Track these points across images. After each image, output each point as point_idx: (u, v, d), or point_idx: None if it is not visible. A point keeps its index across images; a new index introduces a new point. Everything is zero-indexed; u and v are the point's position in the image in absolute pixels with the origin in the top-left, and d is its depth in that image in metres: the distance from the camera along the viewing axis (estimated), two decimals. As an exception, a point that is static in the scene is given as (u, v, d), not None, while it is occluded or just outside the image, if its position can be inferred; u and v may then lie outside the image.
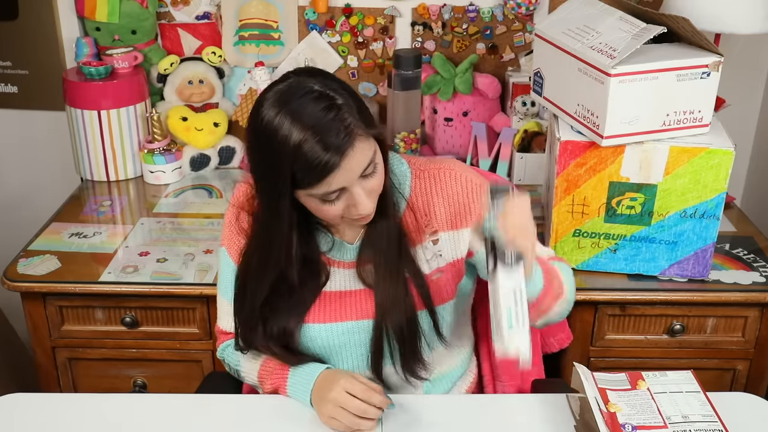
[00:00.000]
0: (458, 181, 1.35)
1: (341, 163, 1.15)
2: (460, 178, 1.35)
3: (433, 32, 2.33)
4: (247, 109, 2.34)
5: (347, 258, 1.36)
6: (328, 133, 1.13)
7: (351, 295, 1.35)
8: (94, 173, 2.27)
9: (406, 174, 1.36)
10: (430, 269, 1.35)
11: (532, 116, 2.27)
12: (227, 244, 1.40)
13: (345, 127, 1.15)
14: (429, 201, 1.35)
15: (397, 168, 1.36)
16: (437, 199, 1.35)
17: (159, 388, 1.93)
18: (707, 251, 1.76)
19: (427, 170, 1.36)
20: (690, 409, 1.24)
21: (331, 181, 1.16)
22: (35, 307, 1.84)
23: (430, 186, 1.35)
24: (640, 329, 1.84)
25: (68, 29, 2.32)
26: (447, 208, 1.35)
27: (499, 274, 1.14)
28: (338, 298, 1.35)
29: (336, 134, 1.14)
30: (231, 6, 2.30)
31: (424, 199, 1.35)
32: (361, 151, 1.17)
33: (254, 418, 1.33)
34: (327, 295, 1.35)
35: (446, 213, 1.35)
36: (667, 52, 1.64)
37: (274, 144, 1.15)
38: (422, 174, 1.36)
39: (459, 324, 1.46)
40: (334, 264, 1.36)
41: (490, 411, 1.33)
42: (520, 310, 1.15)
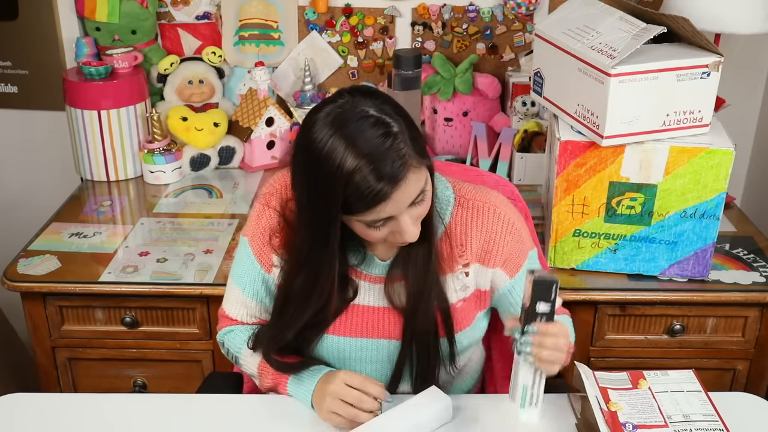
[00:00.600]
0: (500, 220, 1.33)
1: (393, 194, 1.13)
2: (503, 216, 1.34)
3: (433, 32, 2.33)
4: (248, 109, 2.34)
5: (376, 273, 1.34)
6: (383, 163, 1.11)
7: (375, 312, 1.35)
8: (94, 173, 2.27)
9: (449, 200, 1.34)
10: (456, 299, 1.35)
11: (532, 116, 2.27)
12: (250, 236, 1.37)
13: (400, 158, 1.12)
14: (467, 232, 1.33)
15: (442, 193, 1.34)
16: (475, 232, 1.33)
17: (159, 388, 1.93)
18: (707, 251, 1.76)
19: (472, 200, 1.34)
20: (691, 409, 1.24)
21: (381, 210, 1.14)
22: (35, 307, 1.84)
23: (471, 218, 1.33)
24: (640, 329, 1.84)
25: (68, 29, 2.32)
26: (483, 243, 1.34)
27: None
28: (362, 312, 1.35)
29: (391, 164, 1.11)
30: (231, 6, 2.31)
31: (462, 229, 1.33)
32: (413, 182, 1.15)
33: (254, 418, 1.33)
34: (351, 308, 1.35)
35: (481, 248, 1.34)
36: (667, 52, 1.64)
37: (326, 168, 1.12)
38: (466, 203, 1.34)
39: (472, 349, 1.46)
40: (362, 277, 1.34)
41: (490, 411, 1.33)
42: (536, 392, 1.27)
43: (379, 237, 1.21)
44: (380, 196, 1.12)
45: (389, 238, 1.22)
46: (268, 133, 2.32)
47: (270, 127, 2.32)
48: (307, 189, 1.19)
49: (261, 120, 2.29)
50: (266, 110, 2.29)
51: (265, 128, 2.31)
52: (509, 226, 1.34)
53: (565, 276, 1.81)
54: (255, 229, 1.37)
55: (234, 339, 1.43)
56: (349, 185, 1.11)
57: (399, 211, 1.16)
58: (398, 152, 1.12)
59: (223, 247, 1.92)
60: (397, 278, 1.32)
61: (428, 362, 1.33)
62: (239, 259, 1.40)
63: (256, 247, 1.37)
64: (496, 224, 1.33)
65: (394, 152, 1.12)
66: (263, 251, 1.36)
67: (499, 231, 1.33)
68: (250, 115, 2.32)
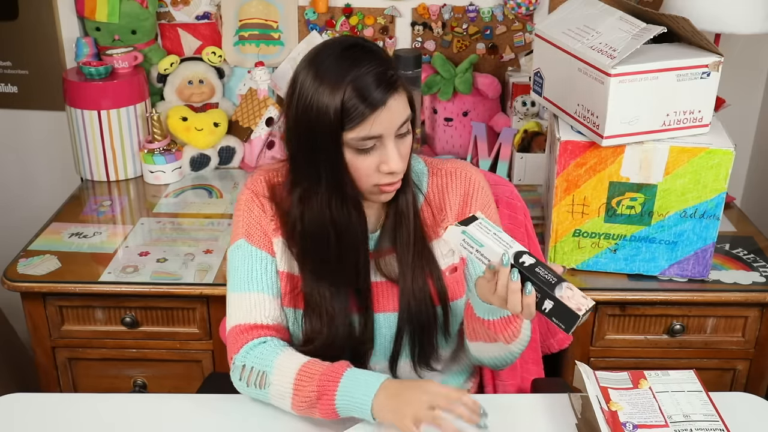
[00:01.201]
0: (471, 182, 1.40)
1: (388, 102, 1.20)
2: (473, 179, 1.40)
3: (433, 32, 2.33)
4: (248, 109, 2.34)
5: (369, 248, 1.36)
6: (381, 75, 1.20)
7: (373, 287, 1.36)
8: (94, 173, 2.27)
9: (423, 171, 1.40)
10: (445, 265, 1.38)
11: (532, 116, 2.27)
12: (245, 233, 1.35)
13: (393, 73, 1.22)
14: (444, 197, 1.39)
15: (415, 165, 1.40)
16: (452, 195, 1.39)
17: (159, 388, 1.93)
18: (707, 251, 1.76)
19: (444, 169, 1.41)
20: (692, 409, 1.24)
21: (375, 119, 1.20)
22: (35, 307, 1.84)
23: (446, 183, 1.39)
24: (640, 329, 1.84)
25: (68, 29, 2.32)
26: (460, 205, 1.39)
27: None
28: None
29: (385, 77, 1.21)
30: (231, 6, 2.31)
31: (439, 195, 1.39)
32: (403, 103, 1.24)
33: (254, 418, 1.33)
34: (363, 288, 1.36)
35: (458, 209, 1.39)
36: (667, 52, 1.64)
37: (328, 80, 1.20)
38: (439, 172, 1.40)
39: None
40: None
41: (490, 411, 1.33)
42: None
43: (369, 168, 1.24)
44: (378, 102, 1.19)
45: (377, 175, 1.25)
46: (268, 133, 2.32)
47: (270, 127, 2.32)
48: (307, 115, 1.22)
49: (261, 120, 2.29)
50: (266, 110, 2.29)
51: (265, 128, 2.31)
52: (479, 187, 1.40)
53: (566, 276, 1.80)
54: (247, 225, 1.36)
55: (260, 354, 1.30)
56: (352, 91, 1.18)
57: (388, 130, 1.22)
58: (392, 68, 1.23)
59: (223, 247, 1.92)
60: (387, 251, 1.34)
61: (426, 332, 1.35)
62: (243, 264, 1.35)
63: (256, 239, 1.35)
64: (469, 186, 1.39)
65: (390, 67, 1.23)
66: (264, 241, 1.35)
67: (470, 191, 1.39)
68: (250, 115, 2.32)
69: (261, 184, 1.37)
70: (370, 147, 1.23)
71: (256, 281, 1.34)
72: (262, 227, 1.35)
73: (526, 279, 1.14)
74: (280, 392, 1.27)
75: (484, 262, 1.17)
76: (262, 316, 1.33)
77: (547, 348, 1.72)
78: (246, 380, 1.30)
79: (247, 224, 1.36)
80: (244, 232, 1.36)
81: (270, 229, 1.35)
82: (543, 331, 1.70)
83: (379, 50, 1.26)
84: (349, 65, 1.20)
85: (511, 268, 1.15)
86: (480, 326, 1.29)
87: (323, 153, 1.23)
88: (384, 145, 1.23)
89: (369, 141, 1.22)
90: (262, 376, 1.28)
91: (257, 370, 1.29)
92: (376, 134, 1.22)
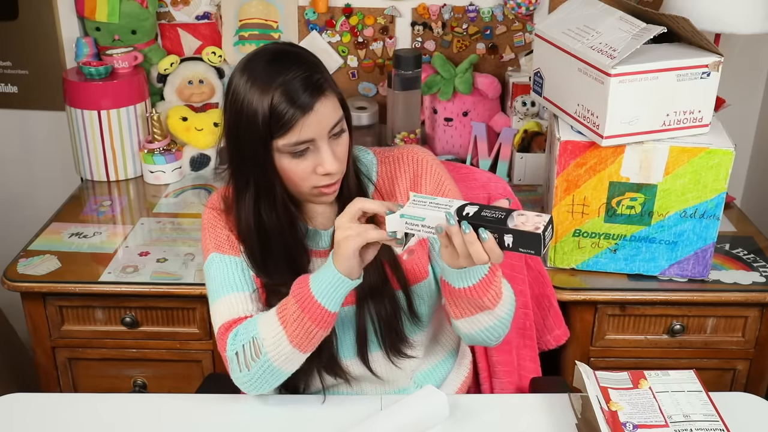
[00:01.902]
0: (419, 163, 1.40)
1: (315, 106, 1.22)
2: (421, 159, 1.41)
3: (433, 32, 2.33)
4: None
5: (323, 246, 1.38)
6: (307, 80, 1.22)
7: None
8: (94, 173, 2.27)
9: (372, 161, 1.42)
10: (401, 250, 1.35)
11: (532, 116, 2.27)
12: (215, 246, 1.37)
13: (320, 77, 1.24)
14: (393, 182, 1.40)
15: (364, 157, 1.42)
16: (401, 180, 1.40)
17: (159, 388, 1.93)
18: (707, 251, 1.76)
19: (391, 155, 1.42)
20: (692, 409, 1.24)
21: (303, 124, 1.21)
22: (35, 307, 1.84)
23: (394, 168, 1.41)
24: (640, 329, 1.84)
25: (68, 29, 2.32)
26: (410, 186, 1.40)
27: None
28: None
29: (312, 81, 1.22)
30: (231, 6, 2.31)
31: (389, 181, 1.40)
32: (332, 105, 1.25)
33: (254, 418, 1.33)
34: None
35: (408, 191, 1.39)
36: (667, 52, 1.64)
37: (258, 85, 1.22)
38: (387, 159, 1.42)
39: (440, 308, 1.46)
40: (312, 254, 1.37)
41: (490, 411, 1.34)
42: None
43: (304, 171, 1.26)
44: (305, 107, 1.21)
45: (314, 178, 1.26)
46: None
47: (270, 127, 2.31)
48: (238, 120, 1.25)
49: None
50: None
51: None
52: (428, 166, 1.40)
53: (565, 276, 1.81)
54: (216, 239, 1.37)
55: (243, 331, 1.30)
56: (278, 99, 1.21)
57: (320, 133, 1.24)
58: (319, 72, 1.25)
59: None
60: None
61: (389, 317, 1.35)
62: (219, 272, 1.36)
63: (227, 249, 1.36)
64: (417, 167, 1.40)
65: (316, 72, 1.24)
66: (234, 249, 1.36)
67: (419, 172, 1.39)
68: (250, 115, 2.32)
69: (218, 200, 1.40)
70: (304, 150, 1.25)
71: (232, 283, 1.35)
72: (229, 237, 1.37)
73: (477, 227, 1.13)
74: (275, 340, 1.25)
75: (433, 232, 1.16)
76: (242, 311, 1.33)
77: (544, 344, 1.72)
78: (245, 365, 1.28)
79: (215, 238, 1.38)
80: (214, 247, 1.38)
81: (233, 238, 1.36)
82: (539, 328, 1.70)
83: (308, 55, 1.28)
84: (276, 71, 1.22)
85: (459, 224, 1.13)
86: (462, 299, 1.26)
87: (252, 158, 1.26)
88: (318, 148, 1.25)
89: (301, 145, 1.24)
90: (253, 343, 1.26)
91: (247, 344, 1.27)
92: (306, 138, 1.23)
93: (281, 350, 1.25)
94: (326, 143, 1.25)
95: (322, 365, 1.36)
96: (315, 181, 1.27)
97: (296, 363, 1.28)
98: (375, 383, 1.42)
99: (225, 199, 1.39)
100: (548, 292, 1.70)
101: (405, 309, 1.37)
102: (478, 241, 1.12)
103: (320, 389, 1.39)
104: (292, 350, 1.24)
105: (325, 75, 1.26)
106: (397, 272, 1.36)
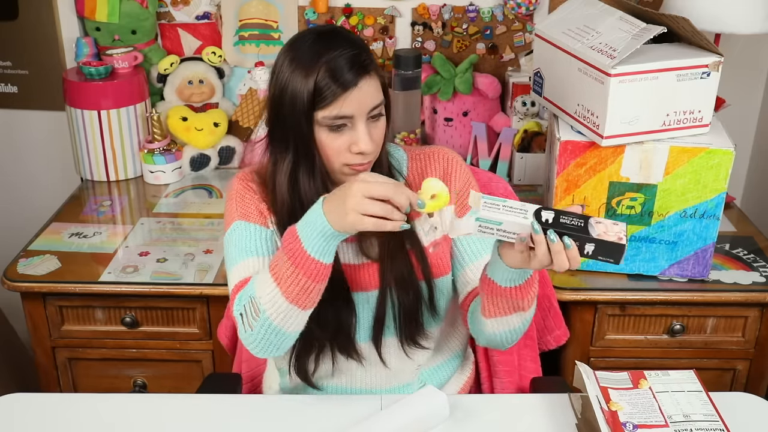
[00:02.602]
0: (450, 161, 1.44)
1: (359, 83, 1.24)
2: (452, 159, 1.44)
3: (433, 32, 2.33)
4: (248, 109, 2.34)
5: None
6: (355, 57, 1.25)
7: (353, 269, 1.37)
8: (94, 173, 2.27)
9: (403, 157, 1.45)
10: (428, 242, 1.39)
11: (532, 116, 2.27)
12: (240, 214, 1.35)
13: (367, 57, 1.27)
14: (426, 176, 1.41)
15: (395, 152, 1.45)
16: (433, 173, 1.42)
17: (159, 388, 1.93)
18: (707, 251, 1.76)
19: (422, 153, 1.45)
20: (692, 409, 1.24)
21: (345, 99, 1.24)
22: (35, 307, 1.84)
23: (425, 165, 1.43)
24: (640, 329, 1.84)
25: (68, 29, 2.32)
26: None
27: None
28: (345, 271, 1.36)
29: (358, 60, 1.25)
30: (231, 6, 2.31)
31: (419, 177, 1.42)
32: (375, 86, 1.27)
33: (254, 418, 1.33)
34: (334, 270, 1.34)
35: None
36: (667, 52, 1.64)
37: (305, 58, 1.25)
38: (417, 156, 1.45)
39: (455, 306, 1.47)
40: None
41: (490, 411, 1.34)
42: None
43: (340, 147, 1.27)
44: (349, 82, 1.23)
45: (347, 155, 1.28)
46: (268, 133, 2.32)
47: (270, 127, 2.31)
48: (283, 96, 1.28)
49: (261, 120, 2.29)
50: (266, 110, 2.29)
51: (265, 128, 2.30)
52: (458, 165, 1.44)
53: (565, 276, 1.81)
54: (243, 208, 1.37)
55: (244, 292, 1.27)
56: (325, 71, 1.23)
57: (358, 111, 1.25)
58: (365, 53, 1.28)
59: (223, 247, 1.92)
60: (371, 234, 1.36)
61: (410, 306, 1.36)
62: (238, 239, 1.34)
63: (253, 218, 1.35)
64: (447, 165, 1.43)
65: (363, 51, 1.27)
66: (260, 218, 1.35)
67: (449, 170, 1.43)
68: (250, 115, 2.32)
69: (251, 173, 1.41)
70: (342, 126, 1.26)
71: (252, 249, 1.33)
72: (257, 207, 1.37)
73: (561, 235, 1.14)
74: (272, 298, 1.21)
75: (511, 238, 1.15)
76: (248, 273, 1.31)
77: (545, 345, 1.72)
78: (248, 325, 1.25)
79: (243, 207, 1.37)
80: (239, 215, 1.36)
81: (264, 209, 1.36)
82: (540, 329, 1.70)
83: (355, 37, 1.31)
84: (325, 47, 1.25)
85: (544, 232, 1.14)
86: (504, 297, 1.25)
87: (295, 128, 1.28)
88: (355, 126, 1.26)
89: (339, 120, 1.26)
90: (251, 302, 1.24)
91: (248, 303, 1.25)
92: (346, 114, 1.25)
93: (278, 308, 1.21)
94: (364, 123, 1.27)
95: (337, 343, 1.36)
96: (347, 159, 1.29)
97: (297, 321, 1.23)
98: (381, 373, 1.42)
99: (258, 173, 1.40)
100: (548, 293, 1.70)
101: (426, 300, 1.38)
102: (564, 250, 1.13)
103: (329, 372, 1.40)
104: (289, 306, 1.21)
105: (371, 57, 1.29)
106: (423, 263, 1.37)
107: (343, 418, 1.30)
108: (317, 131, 1.28)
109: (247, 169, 1.44)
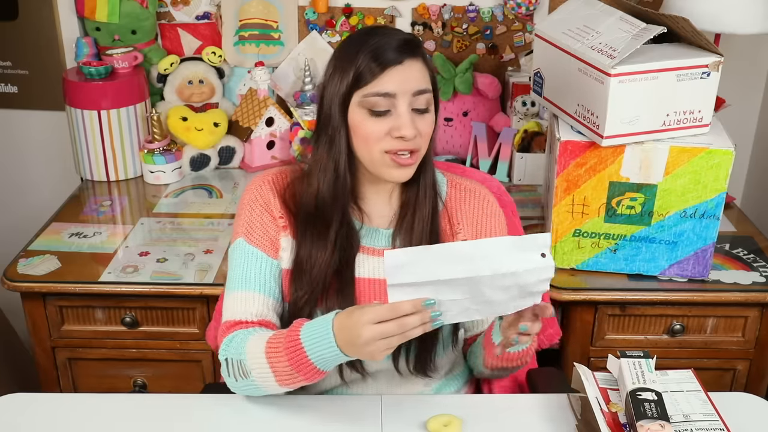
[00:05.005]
0: (489, 206, 1.43)
1: (405, 61, 1.23)
2: (491, 203, 1.43)
3: (433, 32, 2.33)
4: (248, 109, 2.34)
5: (378, 245, 1.36)
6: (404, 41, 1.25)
7: (372, 284, 1.35)
8: (94, 173, 2.27)
9: (443, 180, 1.43)
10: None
11: (532, 116, 2.27)
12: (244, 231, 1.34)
13: (417, 43, 1.27)
14: (461, 210, 1.41)
15: (435, 175, 1.40)
16: (468, 212, 1.41)
17: (159, 388, 1.93)
18: (707, 251, 1.76)
19: (463, 184, 1.44)
20: (691, 408, 1.24)
21: (388, 74, 1.22)
22: (35, 307, 1.84)
23: (464, 199, 1.42)
24: (640, 329, 1.84)
25: (68, 29, 2.32)
26: (475, 224, 1.41)
27: None
28: (367, 285, 1.35)
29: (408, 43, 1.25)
30: (231, 6, 2.31)
31: (456, 207, 1.41)
32: (422, 70, 1.26)
33: (254, 418, 1.33)
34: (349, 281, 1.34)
35: (474, 228, 1.40)
36: (667, 52, 1.64)
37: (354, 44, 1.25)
38: (458, 186, 1.43)
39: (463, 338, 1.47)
40: (365, 251, 1.35)
41: (490, 410, 1.33)
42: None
43: (380, 132, 1.24)
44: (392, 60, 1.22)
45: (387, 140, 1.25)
46: (268, 133, 2.32)
47: (270, 127, 2.32)
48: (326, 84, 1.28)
49: (261, 120, 2.29)
50: (266, 110, 2.29)
51: (265, 128, 2.31)
52: (493, 212, 1.43)
53: (565, 276, 1.81)
54: (248, 224, 1.35)
55: (235, 344, 1.27)
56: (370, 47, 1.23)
57: (402, 90, 1.23)
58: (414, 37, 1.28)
59: (223, 247, 1.92)
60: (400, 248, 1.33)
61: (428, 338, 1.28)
62: (236, 263, 1.35)
63: (255, 238, 1.34)
64: (486, 208, 1.42)
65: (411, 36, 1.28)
66: (263, 240, 1.34)
67: (488, 215, 1.42)
68: (250, 115, 2.32)
69: (268, 183, 1.37)
70: (384, 112, 1.24)
71: (248, 280, 1.33)
72: (264, 225, 1.35)
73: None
74: (263, 375, 1.23)
75: None
76: (247, 313, 1.32)
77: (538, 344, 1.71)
78: (233, 374, 1.28)
79: (248, 222, 1.35)
80: (243, 231, 1.36)
81: (272, 229, 1.34)
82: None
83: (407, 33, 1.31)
84: (372, 36, 1.26)
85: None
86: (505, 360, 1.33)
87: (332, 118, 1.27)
88: (397, 110, 1.24)
89: (380, 98, 1.23)
90: (240, 365, 1.25)
91: (235, 361, 1.26)
92: (388, 91, 1.22)
93: (268, 384, 1.24)
94: (406, 104, 1.24)
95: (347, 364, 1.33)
96: (387, 144, 1.25)
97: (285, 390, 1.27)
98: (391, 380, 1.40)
99: (283, 177, 1.37)
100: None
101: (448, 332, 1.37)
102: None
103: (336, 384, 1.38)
104: (279, 387, 1.24)
105: (421, 46, 1.28)
106: None
107: (343, 418, 1.30)
108: (356, 116, 1.25)
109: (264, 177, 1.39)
